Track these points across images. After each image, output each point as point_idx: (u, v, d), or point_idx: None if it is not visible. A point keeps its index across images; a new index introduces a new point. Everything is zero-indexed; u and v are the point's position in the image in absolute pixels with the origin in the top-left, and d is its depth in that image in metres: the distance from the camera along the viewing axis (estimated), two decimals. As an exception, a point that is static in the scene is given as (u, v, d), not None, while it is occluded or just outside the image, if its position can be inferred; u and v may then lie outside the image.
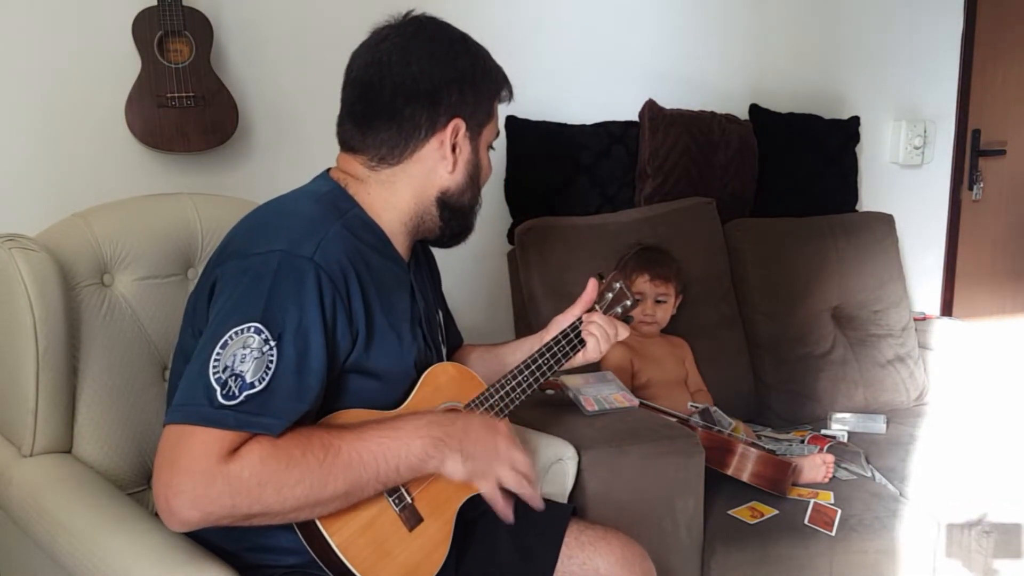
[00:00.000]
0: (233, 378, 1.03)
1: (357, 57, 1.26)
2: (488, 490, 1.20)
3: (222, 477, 1.00)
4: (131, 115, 1.93)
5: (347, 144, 1.28)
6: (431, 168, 1.25)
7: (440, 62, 1.23)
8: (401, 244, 1.29)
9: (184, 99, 1.94)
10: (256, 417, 1.03)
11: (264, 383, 1.04)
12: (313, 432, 1.08)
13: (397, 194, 1.26)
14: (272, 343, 1.06)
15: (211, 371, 1.04)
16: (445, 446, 1.16)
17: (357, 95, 1.25)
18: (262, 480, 1.02)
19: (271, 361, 1.05)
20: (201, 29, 1.95)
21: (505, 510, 1.21)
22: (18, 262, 1.33)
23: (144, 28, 1.91)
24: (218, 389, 1.03)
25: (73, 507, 1.24)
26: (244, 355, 1.04)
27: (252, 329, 1.05)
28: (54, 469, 1.35)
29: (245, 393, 1.03)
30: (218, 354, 1.04)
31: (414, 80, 1.21)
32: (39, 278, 1.34)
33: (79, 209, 1.51)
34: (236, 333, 1.05)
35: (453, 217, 1.30)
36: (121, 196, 1.60)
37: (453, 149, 1.25)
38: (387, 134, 1.23)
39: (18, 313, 1.33)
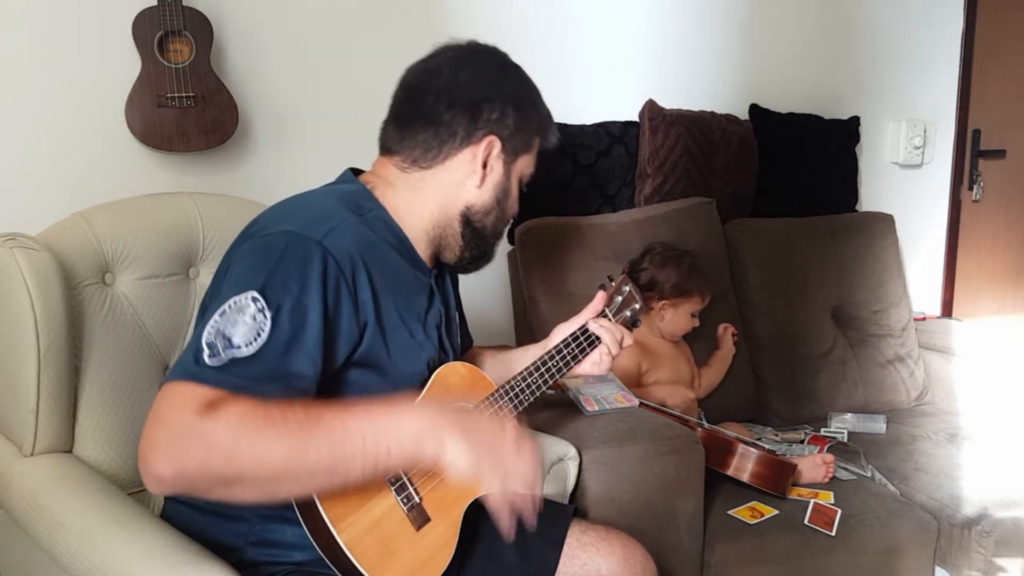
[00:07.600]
0: (222, 339, 1.04)
1: (412, 66, 1.30)
2: (495, 494, 1.12)
3: (198, 431, 0.98)
4: (131, 115, 1.93)
5: (385, 146, 1.30)
6: (460, 180, 1.27)
7: (488, 79, 1.28)
8: (423, 251, 1.30)
9: (184, 99, 1.94)
10: (237, 378, 1.02)
11: (251, 349, 1.04)
12: (299, 400, 1.06)
13: (423, 200, 1.27)
14: (267, 313, 1.05)
15: (205, 334, 1.04)
16: (442, 431, 1.07)
17: (403, 97, 1.29)
18: (237, 437, 0.98)
19: (262, 329, 1.05)
20: (201, 29, 1.95)
21: (509, 526, 1.12)
22: (19, 261, 1.33)
23: (144, 28, 1.91)
24: (206, 349, 1.03)
25: (73, 507, 1.24)
26: (236, 320, 1.05)
27: (249, 297, 1.06)
28: (55, 469, 1.35)
29: (231, 356, 1.03)
30: (215, 320, 1.05)
31: (459, 88, 1.25)
32: (40, 277, 1.34)
33: (80, 208, 1.51)
34: (235, 301, 1.06)
35: (474, 237, 1.31)
36: (121, 196, 1.60)
37: (484, 165, 1.27)
38: (424, 136, 1.26)
39: (19, 312, 1.33)
